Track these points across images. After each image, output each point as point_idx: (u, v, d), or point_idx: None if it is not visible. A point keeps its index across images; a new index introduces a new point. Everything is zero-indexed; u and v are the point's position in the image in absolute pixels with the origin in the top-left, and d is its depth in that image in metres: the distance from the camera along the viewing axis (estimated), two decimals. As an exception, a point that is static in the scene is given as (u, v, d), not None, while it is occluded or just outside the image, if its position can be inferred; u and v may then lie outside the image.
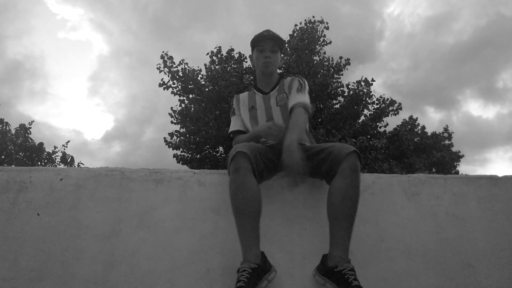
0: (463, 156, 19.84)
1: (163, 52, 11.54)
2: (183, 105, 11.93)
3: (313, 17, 12.76)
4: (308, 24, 12.67)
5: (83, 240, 1.64)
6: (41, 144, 13.58)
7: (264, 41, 2.09)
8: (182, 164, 12.13)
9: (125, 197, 1.73)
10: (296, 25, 12.85)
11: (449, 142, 19.47)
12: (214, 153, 12.44)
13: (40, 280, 1.55)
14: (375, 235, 1.81)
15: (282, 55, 2.24)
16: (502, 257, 1.85)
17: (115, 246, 1.64)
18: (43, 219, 1.65)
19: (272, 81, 2.16)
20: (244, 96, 2.21)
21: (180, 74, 11.63)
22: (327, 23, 12.70)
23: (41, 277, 1.56)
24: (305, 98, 1.99)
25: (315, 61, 12.43)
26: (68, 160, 13.49)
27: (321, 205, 1.77)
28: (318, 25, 12.69)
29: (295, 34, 12.58)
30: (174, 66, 11.63)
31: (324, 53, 12.87)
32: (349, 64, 12.63)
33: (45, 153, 13.61)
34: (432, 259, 1.79)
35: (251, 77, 11.55)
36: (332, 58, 12.73)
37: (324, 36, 12.81)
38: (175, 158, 12.15)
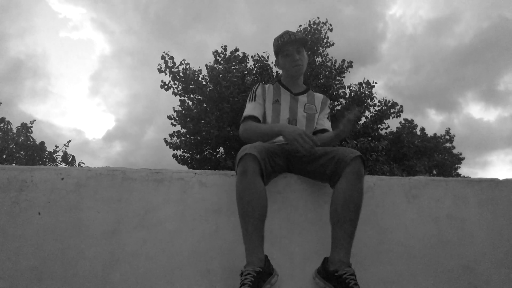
0: (464, 158, 19.85)
1: (164, 52, 11.55)
2: (184, 105, 11.93)
3: (318, 18, 12.76)
4: (312, 25, 12.67)
5: (83, 240, 1.64)
6: (42, 143, 13.60)
7: (288, 45, 2.07)
8: (182, 164, 12.13)
9: (126, 197, 1.73)
10: (300, 25, 12.86)
11: (450, 145, 19.48)
12: (215, 154, 12.44)
13: (40, 280, 1.55)
14: (375, 237, 1.81)
15: (307, 52, 2.24)
16: (502, 260, 1.85)
17: (115, 246, 1.64)
18: (44, 218, 1.65)
19: (300, 84, 2.19)
20: (269, 87, 2.16)
21: (181, 74, 11.63)
22: (330, 25, 12.70)
23: (42, 277, 1.56)
24: (330, 127, 2.17)
25: (318, 63, 12.43)
26: (69, 160, 13.50)
27: (322, 207, 1.77)
28: (322, 27, 12.69)
29: None
30: (175, 66, 11.64)
31: (327, 54, 12.87)
32: (351, 66, 12.64)
33: (46, 152, 13.63)
34: (433, 262, 1.79)
35: (255, 78, 11.56)
36: (335, 60, 12.74)
37: (328, 38, 12.81)
38: (175, 158, 12.16)
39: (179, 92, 11.93)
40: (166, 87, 11.77)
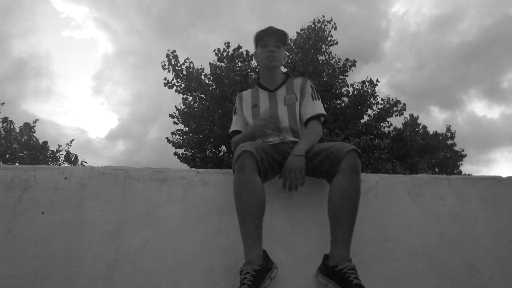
0: (465, 155, 19.81)
1: (168, 50, 11.55)
2: (186, 103, 11.94)
3: (323, 16, 12.73)
4: (316, 24, 12.65)
5: (87, 239, 1.64)
6: (45, 142, 13.64)
7: (268, 37, 2.07)
8: (184, 163, 12.15)
9: (129, 196, 1.74)
10: (304, 24, 12.86)
11: (452, 142, 19.46)
12: (217, 152, 12.45)
13: (44, 278, 1.56)
14: (378, 235, 1.80)
15: (286, 52, 2.22)
16: (505, 258, 1.84)
17: (119, 245, 1.65)
18: (47, 217, 1.66)
19: (277, 79, 2.12)
20: (247, 94, 2.18)
21: (184, 72, 11.64)
22: (335, 23, 12.68)
23: (45, 276, 1.57)
24: (320, 106, 2.02)
25: (321, 61, 12.41)
26: (72, 159, 13.53)
27: (323, 205, 1.76)
28: (326, 25, 12.67)
29: (302, 33, 12.56)
30: (178, 64, 11.65)
31: (330, 53, 12.84)
32: (354, 65, 12.62)
33: (49, 151, 13.67)
34: (435, 259, 1.79)
35: (256, 76, 11.56)
36: (339, 58, 12.71)
37: (331, 36, 12.78)
38: (177, 157, 12.18)
39: (182, 90, 11.94)
40: (169, 85, 11.78)
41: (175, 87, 11.85)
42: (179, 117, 12.08)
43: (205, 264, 1.65)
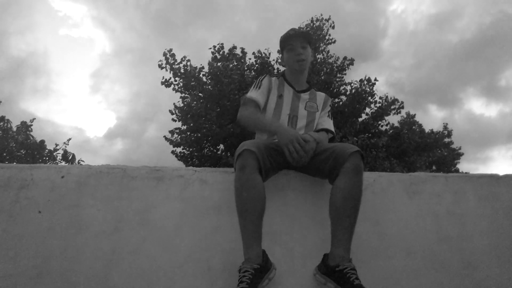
0: (463, 154, 19.87)
1: (165, 49, 11.54)
2: (185, 102, 11.93)
3: (321, 15, 12.75)
4: (314, 22, 12.66)
5: (84, 238, 1.64)
6: (42, 141, 13.59)
7: (293, 39, 2.08)
8: (182, 162, 12.14)
9: (126, 195, 1.73)
10: (302, 22, 12.86)
11: (449, 140, 19.52)
12: (215, 151, 12.44)
13: (41, 277, 1.56)
14: (375, 233, 1.81)
15: (311, 50, 2.22)
16: (502, 256, 1.85)
17: (116, 244, 1.64)
18: (44, 216, 1.66)
19: (303, 81, 2.18)
20: (275, 81, 2.17)
21: (182, 71, 11.63)
22: (333, 22, 12.70)
23: (42, 274, 1.56)
24: (332, 125, 2.17)
25: (319, 59, 12.42)
26: (69, 158, 13.49)
27: (322, 203, 1.77)
28: (324, 24, 12.68)
29: None
30: (176, 63, 11.63)
31: (328, 51, 12.86)
32: (352, 64, 12.64)
33: (46, 150, 13.62)
34: (433, 257, 1.80)
35: (255, 74, 11.55)
36: (337, 57, 12.72)
37: (329, 35, 12.80)
38: (175, 155, 12.17)
39: (180, 89, 11.93)
40: (166, 83, 11.77)
41: (173, 86, 11.85)
42: (179, 114, 12.08)
43: (203, 263, 1.65)
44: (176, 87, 11.88)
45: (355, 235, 1.58)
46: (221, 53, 12.23)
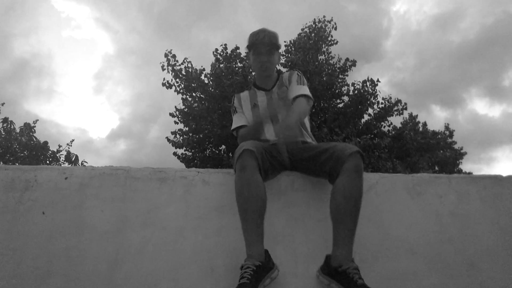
0: (465, 153, 19.82)
1: (166, 50, 11.56)
2: (186, 103, 11.94)
3: (324, 16, 12.74)
4: (317, 23, 12.65)
5: (87, 239, 1.65)
6: (45, 143, 13.63)
7: (260, 45, 2.07)
8: (184, 164, 12.15)
9: (130, 196, 1.74)
10: (305, 24, 12.84)
11: (451, 140, 19.49)
12: (217, 152, 12.45)
13: (45, 278, 1.56)
14: (378, 234, 1.81)
15: (280, 51, 2.21)
16: (505, 258, 1.84)
17: (119, 245, 1.65)
18: (48, 217, 1.66)
19: (272, 79, 2.19)
20: (245, 95, 2.23)
21: (183, 73, 11.64)
22: (335, 23, 12.68)
23: (46, 276, 1.57)
24: (305, 89, 2.05)
25: (321, 60, 12.42)
26: (73, 159, 13.52)
27: (325, 204, 1.76)
28: (327, 25, 12.67)
29: (302, 33, 12.56)
30: (177, 64, 11.65)
31: (330, 52, 12.85)
32: (354, 65, 12.62)
33: (50, 152, 13.66)
34: (436, 258, 1.79)
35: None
36: (340, 57, 12.71)
37: (332, 36, 12.79)
38: (176, 157, 12.18)
39: (181, 91, 11.94)
40: (168, 85, 11.79)
41: (174, 87, 11.86)
42: (179, 116, 12.09)
43: (206, 264, 1.66)
44: (178, 88, 11.90)
45: (358, 236, 1.58)
46: (223, 54, 12.25)
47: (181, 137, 12.15)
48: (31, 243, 1.61)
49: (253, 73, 11.47)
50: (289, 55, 12.19)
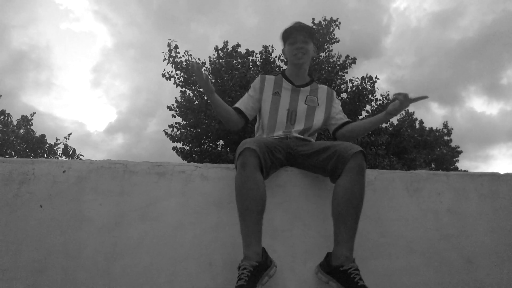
0: (461, 152, 19.90)
1: (169, 40, 11.47)
2: (185, 97, 11.91)
3: (331, 18, 12.71)
4: (323, 22, 12.62)
5: (85, 233, 1.64)
6: (42, 136, 13.60)
7: (295, 33, 2.07)
8: (182, 158, 12.13)
9: (128, 190, 1.74)
10: (312, 20, 12.77)
11: (449, 138, 19.57)
12: (214, 147, 12.44)
13: (42, 272, 1.56)
14: (376, 231, 1.81)
15: (314, 46, 2.20)
16: (502, 254, 1.85)
17: (117, 239, 1.65)
18: (45, 211, 1.66)
19: (303, 76, 2.16)
20: (270, 79, 2.16)
21: (184, 65, 11.60)
22: (339, 22, 12.65)
23: (44, 269, 1.57)
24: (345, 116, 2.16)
25: (322, 57, 12.40)
26: (70, 152, 13.49)
27: (323, 201, 1.77)
28: (331, 25, 12.64)
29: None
30: (178, 56, 11.60)
31: (331, 50, 12.83)
32: (354, 63, 12.62)
33: (47, 145, 13.62)
34: (433, 255, 1.80)
35: (258, 70, 11.53)
36: (340, 55, 12.69)
37: (334, 35, 12.77)
38: (175, 151, 12.16)
39: (181, 83, 11.91)
40: (167, 76, 11.74)
41: (173, 79, 11.82)
42: (177, 110, 12.06)
43: (204, 259, 1.66)
44: (177, 81, 11.86)
45: (356, 233, 1.59)
46: (224, 50, 12.21)
47: (179, 131, 12.12)
48: (29, 236, 1.61)
49: (256, 69, 11.47)
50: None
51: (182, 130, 12.07)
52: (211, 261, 1.66)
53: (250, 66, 11.62)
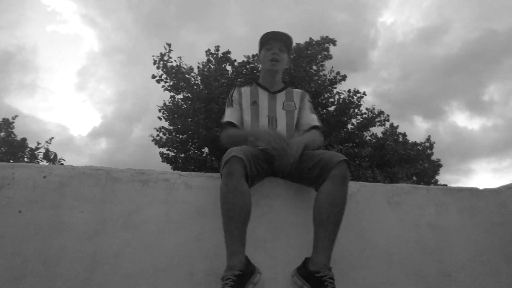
0: (441, 166, 20.17)
1: (166, 43, 11.45)
2: (174, 101, 11.88)
3: (327, 36, 12.87)
4: (321, 42, 12.75)
5: (65, 240, 1.61)
6: (23, 139, 13.30)
7: (273, 40, 2.11)
8: (166, 163, 12.03)
9: (110, 197, 1.71)
10: (310, 38, 12.87)
11: (430, 152, 19.86)
12: (199, 154, 12.39)
13: (20, 279, 1.52)
14: (357, 243, 1.83)
15: (291, 56, 2.24)
16: (481, 268, 1.89)
17: (98, 247, 1.62)
18: (24, 216, 1.62)
19: (278, 83, 2.18)
20: (245, 89, 2.17)
21: (174, 70, 11.57)
22: (336, 41, 12.81)
23: (21, 276, 1.53)
24: (316, 119, 2.13)
25: (313, 70, 12.57)
26: (51, 157, 13.22)
27: (307, 211, 1.78)
28: (328, 44, 12.77)
29: (303, 44, 12.64)
30: (169, 60, 11.58)
31: (323, 65, 12.99)
32: (344, 80, 12.82)
33: (28, 149, 13.33)
34: (413, 268, 1.82)
35: (245, 79, 11.58)
36: (332, 69, 12.85)
37: (328, 51, 12.92)
38: (161, 156, 12.06)
39: (169, 88, 11.87)
40: (157, 78, 11.68)
41: (162, 83, 11.78)
42: (165, 114, 11.99)
43: (186, 268, 1.64)
44: (166, 85, 11.82)
45: (337, 244, 1.60)
46: (215, 56, 12.25)
47: (165, 136, 12.03)
48: (6, 242, 1.57)
49: (243, 77, 11.53)
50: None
51: (168, 135, 11.99)
52: (192, 271, 1.64)
53: (235, 74, 11.66)
